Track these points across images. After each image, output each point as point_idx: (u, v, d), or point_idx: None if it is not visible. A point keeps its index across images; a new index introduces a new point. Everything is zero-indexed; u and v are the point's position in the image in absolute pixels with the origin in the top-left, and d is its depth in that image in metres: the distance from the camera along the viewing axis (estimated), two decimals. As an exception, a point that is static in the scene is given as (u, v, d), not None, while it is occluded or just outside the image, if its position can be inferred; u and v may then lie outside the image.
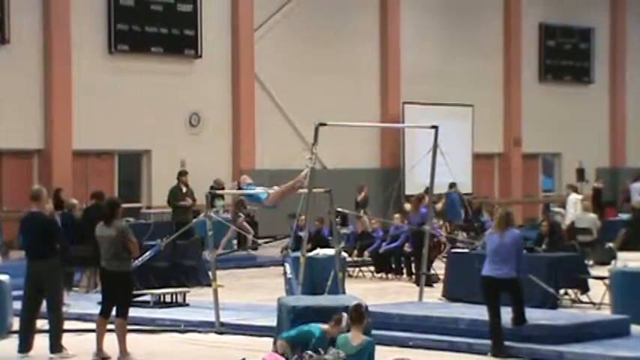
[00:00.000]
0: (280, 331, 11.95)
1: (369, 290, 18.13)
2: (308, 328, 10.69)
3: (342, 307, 11.03)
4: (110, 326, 12.33)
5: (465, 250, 18.43)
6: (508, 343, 12.17)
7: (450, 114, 31.93)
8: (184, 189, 23.27)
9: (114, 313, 12.26)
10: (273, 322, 12.70)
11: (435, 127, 15.53)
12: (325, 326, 10.57)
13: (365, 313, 10.43)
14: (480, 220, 25.93)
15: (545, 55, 36.97)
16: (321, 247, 18.18)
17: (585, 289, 16.61)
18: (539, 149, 36.98)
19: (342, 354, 10.11)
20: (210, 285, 14.86)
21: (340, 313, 10.61)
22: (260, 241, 24.31)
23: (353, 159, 31.24)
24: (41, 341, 12.33)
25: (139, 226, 22.21)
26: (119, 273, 12.16)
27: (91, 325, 13.04)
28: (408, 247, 20.62)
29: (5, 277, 14.31)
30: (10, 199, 25.45)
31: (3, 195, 25.99)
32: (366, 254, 21.51)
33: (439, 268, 19.30)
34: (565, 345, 12.17)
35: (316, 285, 15.45)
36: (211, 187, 25.14)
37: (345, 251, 19.57)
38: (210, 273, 15.17)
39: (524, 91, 36.15)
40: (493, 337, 12.18)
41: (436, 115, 27.23)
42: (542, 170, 37.89)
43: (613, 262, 18.21)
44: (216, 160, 28.72)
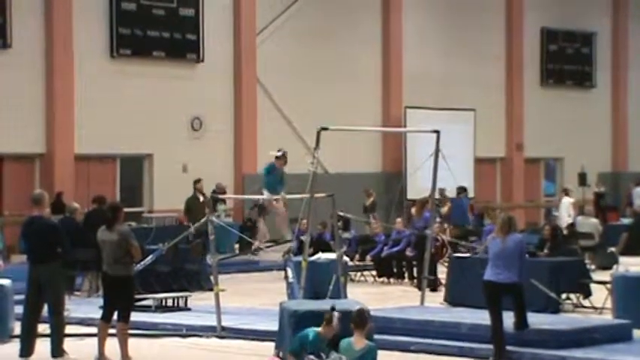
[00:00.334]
0: (282, 336, 11.95)
1: (370, 294, 18.12)
2: (304, 332, 10.72)
3: (343, 312, 11.02)
4: (112, 331, 12.33)
5: (467, 255, 18.41)
6: (510, 347, 12.16)
7: (452, 118, 31.93)
8: (201, 198, 22.47)
9: (115, 317, 12.26)
10: (275, 326, 12.69)
11: (437, 132, 15.52)
12: (319, 328, 10.59)
13: (368, 318, 10.42)
14: (482, 224, 25.90)
15: (547, 60, 36.97)
16: (323, 251, 18.18)
17: (587, 293, 16.60)
18: (541, 154, 36.97)
19: (344, 358, 10.11)
20: (212, 289, 14.86)
21: (330, 312, 10.62)
22: (262, 246, 24.30)
23: (355, 163, 31.23)
24: (43, 346, 12.32)
25: (140, 231, 22.21)
26: (121, 277, 12.16)
27: (93, 330, 13.04)
28: (409, 252, 20.63)
29: (7, 282, 14.32)
30: (12, 203, 25.43)
31: (5, 199, 25.98)
32: (368, 258, 21.51)
33: (441, 272, 19.28)
34: (567, 350, 12.17)
35: (318, 289, 15.44)
36: (213, 192, 25.16)
37: (347, 255, 19.56)
38: (212, 277, 15.16)
39: (526, 96, 36.15)
40: (495, 341, 12.16)
41: (438, 120, 27.21)
42: (544, 175, 37.87)
43: (615, 266, 18.21)
44: (218, 165, 28.71)
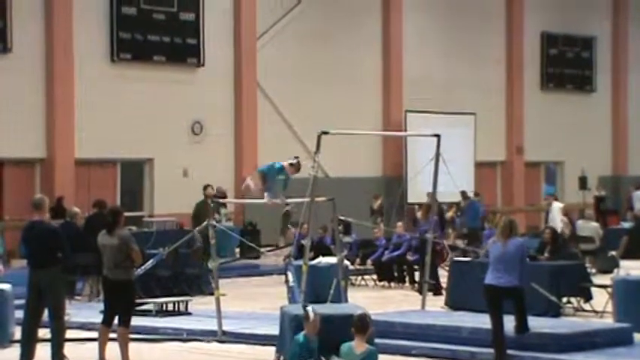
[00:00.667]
0: (283, 340, 11.95)
1: (371, 298, 18.11)
2: (296, 338, 10.77)
3: (344, 316, 11.02)
4: (112, 335, 12.32)
5: (468, 259, 18.40)
6: (511, 351, 12.15)
7: (453, 122, 31.95)
8: (211, 204, 22.28)
9: (116, 321, 12.25)
10: (275, 330, 12.68)
11: (438, 136, 15.51)
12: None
13: (369, 322, 10.41)
14: (483, 228, 25.90)
15: (548, 64, 37.00)
16: (324, 255, 18.18)
17: (588, 297, 16.60)
18: (541, 157, 36.99)
19: (344, 363, 10.11)
20: (213, 293, 14.85)
21: (305, 310, 10.69)
22: (262, 250, 24.29)
23: (355, 167, 31.25)
24: (43, 350, 12.30)
25: (141, 235, 22.20)
26: (121, 282, 12.15)
27: (94, 334, 13.03)
28: (410, 256, 20.63)
29: (7, 286, 14.31)
30: (13, 208, 25.44)
31: (5, 204, 25.98)
32: (369, 262, 21.51)
33: (442, 276, 19.28)
34: (568, 353, 12.15)
35: (319, 293, 15.42)
36: (214, 196, 25.15)
37: (348, 259, 19.56)
38: (213, 281, 15.15)
39: (526, 100, 36.18)
40: (496, 345, 12.15)
41: (438, 124, 27.25)
42: (544, 178, 37.88)
43: (615, 270, 18.17)
44: (219, 169, 28.71)
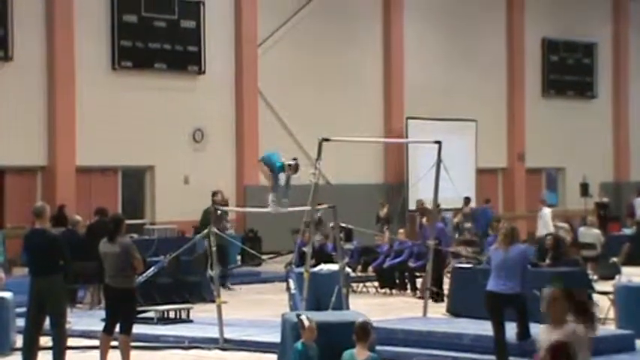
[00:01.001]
0: (284, 347, 11.93)
1: (373, 306, 18.09)
2: (294, 346, 10.78)
3: (346, 323, 11.00)
4: (114, 343, 12.31)
5: (469, 266, 18.39)
6: (512, 358, 12.13)
7: (454, 129, 31.95)
8: (218, 212, 22.15)
9: (118, 329, 12.24)
10: (277, 338, 12.66)
11: (439, 142, 15.52)
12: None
13: (370, 329, 10.40)
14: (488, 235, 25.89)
15: (549, 70, 37.02)
16: (325, 262, 18.16)
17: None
18: (542, 164, 36.99)
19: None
20: (214, 301, 14.84)
21: (299, 318, 10.70)
22: (264, 257, 24.27)
23: (357, 174, 31.24)
24: (44, 358, 12.29)
25: (142, 242, 22.19)
26: (123, 289, 12.14)
27: (95, 342, 13.03)
28: (412, 262, 20.61)
29: (8, 294, 14.30)
30: (14, 215, 25.43)
31: (7, 212, 25.98)
32: (370, 269, 21.49)
33: (444, 283, 19.27)
34: (570, 360, 12.12)
35: (320, 300, 15.42)
36: (215, 203, 25.13)
37: (349, 266, 19.54)
38: (214, 289, 15.14)
39: (527, 106, 36.18)
40: (497, 352, 12.13)
41: (440, 130, 27.23)
42: (545, 185, 37.87)
43: (617, 276, 18.16)
44: (220, 176, 28.70)
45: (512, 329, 12.25)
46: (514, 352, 12.17)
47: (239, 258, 25.56)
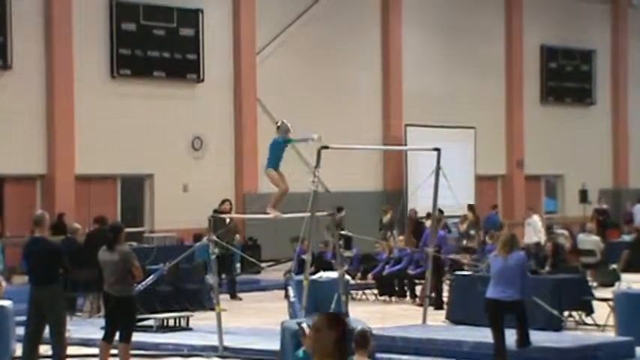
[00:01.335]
0: (284, 355, 11.92)
1: (372, 313, 18.07)
2: (295, 354, 10.76)
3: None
4: (113, 351, 12.30)
5: (469, 273, 18.39)
6: (512, 365, 12.13)
7: (453, 136, 31.97)
8: (227, 220, 21.30)
9: (117, 337, 12.23)
10: (276, 346, 12.66)
11: (438, 150, 15.52)
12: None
13: (370, 337, 10.39)
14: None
15: (547, 77, 37.05)
16: (324, 270, 18.15)
17: (589, 311, 16.57)
18: (541, 171, 37.00)
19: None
20: (214, 309, 14.83)
21: (299, 326, 10.68)
22: (263, 265, 24.27)
23: (356, 182, 31.23)
24: (44, 367, 12.30)
25: (141, 250, 22.18)
26: (122, 298, 12.14)
27: (95, 351, 13.01)
28: (411, 270, 20.61)
29: (8, 303, 14.28)
30: (13, 224, 25.40)
31: (6, 220, 25.95)
32: (370, 277, 21.49)
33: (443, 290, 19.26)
34: (570, 367, 12.13)
35: (319, 308, 15.38)
36: (214, 211, 25.11)
37: (349, 274, 19.53)
38: (213, 297, 15.13)
39: (526, 113, 36.21)
40: (497, 359, 12.12)
41: (439, 138, 27.21)
42: (545, 192, 37.89)
43: (617, 283, 18.17)
44: (219, 184, 28.70)
45: (512, 336, 12.25)
46: (514, 360, 12.18)
47: (238, 266, 25.53)
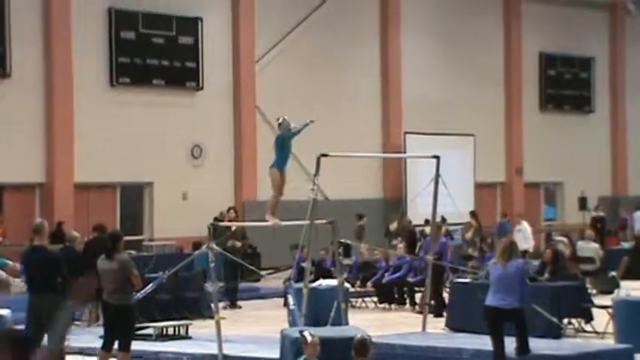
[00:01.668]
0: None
1: (372, 321, 18.06)
2: None
3: (345, 338, 10.99)
4: (112, 360, 12.29)
5: (468, 280, 18.38)
6: (512, 373, 12.11)
7: (452, 144, 31.99)
8: (233, 228, 21.02)
9: (116, 346, 12.21)
10: (276, 354, 12.64)
11: (437, 157, 15.52)
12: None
13: (369, 345, 10.38)
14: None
15: (546, 85, 37.07)
16: (324, 277, 18.14)
17: (589, 318, 16.56)
18: (540, 178, 37.01)
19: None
20: (213, 317, 14.81)
21: (301, 334, 10.68)
22: (263, 273, 24.25)
23: (355, 189, 31.22)
24: (43, 375, 12.26)
25: (141, 259, 22.16)
26: (121, 306, 12.12)
27: (94, 359, 12.98)
28: (410, 277, 20.60)
29: (6, 312, 14.26)
30: (12, 232, 25.38)
31: (5, 229, 25.93)
32: (369, 285, 21.47)
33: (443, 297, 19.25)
34: (569, 375, 12.12)
35: (319, 316, 15.39)
36: (215, 219, 25.12)
37: (348, 282, 19.52)
38: (213, 305, 15.12)
39: (525, 121, 36.23)
40: (497, 367, 12.11)
41: (438, 145, 27.25)
42: (544, 199, 37.89)
43: (616, 291, 18.16)
44: (219, 192, 28.71)
45: (511, 344, 12.23)
46: (513, 367, 12.16)
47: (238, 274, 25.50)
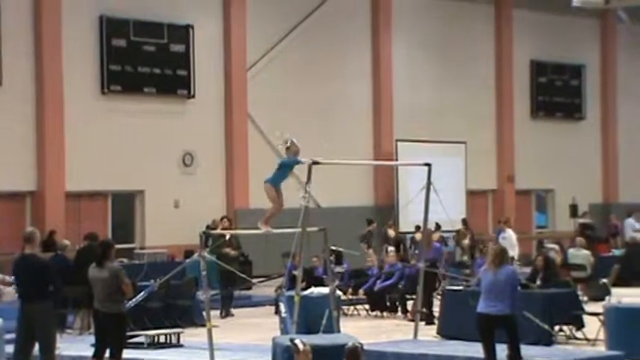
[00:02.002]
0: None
1: (364, 328, 18.07)
2: None
3: (337, 346, 11.00)
4: (104, 368, 12.26)
5: (460, 288, 18.39)
6: (504, 380, 12.12)
7: (443, 151, 32.01)
8: (228, 236, 21.08)
9: (108, 354, 12.20)
10: (267, 362, 12.65)
11: (429, 165, 15.55)
12: None
13: (361, 352, 10.38)
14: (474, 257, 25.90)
15: (537, 92, 37.13)
16: (316, 285, 18.14)
17: (580, 325, 16.59)
18: (532, 185, 37.04)
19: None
20: (205, 325, 14.79)
21: (292, 343, 10.69)
22: (254, 280, 24.23)
23: (347, 197, 31.23)
24: (34, 384, 12.25)
25: (132, 267, 22.14)
26: (112, 314, 12.11)
27: (85, 367, 12.96)
28: (402, 285, 20.60)
29: (-2, 320, 14.24)
30: (3, 241, 25.33)
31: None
32: (361, 292, 21.47)
33: (434, 305, 19.25)
34: (561, 382, 12.13)
35: (311, 324, 15.39)
36: (207, 227, 25.12)
37: (340, 289, 19.52)
38: (205, 313, 15.10)
39: (516, 128, 36.28)
40: (489, 374, 12.12)
41: (429, 152, 27.27)
42: (535, 206, 37.93)
43: (607, 297, 18.18)
44: (210, 200, 28.68)
45: (503, 351, 12.24)
46: (505, 374, 12.16)
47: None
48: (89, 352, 12.85)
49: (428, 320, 18.44)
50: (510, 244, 26.14)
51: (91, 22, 27.16)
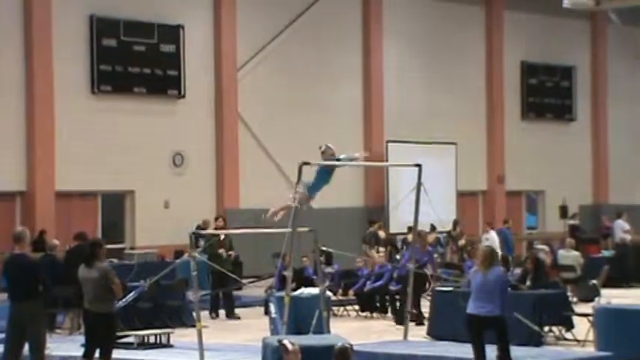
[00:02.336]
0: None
1: (353, 329, 18.07)
2: None
3: (326, 347, 10.99)
4: (93, 368, 12.25)
5: (450, 288, 18.40)
6: (493, 381, 12.13)
7: (434, 152, 32.04)
8: (222, 236, 20.84)
9: (97, 355, 12.18)
10: (257, 362, 12.64)
11: (419, 166, 15.56)
12: None
13: (351, 353, 10.38)
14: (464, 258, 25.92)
15: (528, 93, 37.18)
16: (306, 286, 18.13)
17: (570, 326, 16.62)
18: (522, 186, 37.09)
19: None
20: (195, 326, 14.77)
21: (281, 343, 10.68)
22: (244, 281, 24.21)
23: (337, 198, 31.14)
24: (24, 384, 12.23)
25: (122, 267, 22.11)
26: (102, 314, 12.10)
27: (74, 368, 12.94)
28: (392, 286, 20.60)
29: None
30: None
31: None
32: (351, 293, 21.47)
33: (424, 306, 19.26)
34: (550, 383, 12.14)
35: (301, 324, 15.39)
36: (197, 227, 25.10)
37: (330, 290, 19.52)
38: (194, 313, 15.09)
39: (507, 129, 36.33)
40: (478, 375, 12.13)
41: (420, 154, 27.31)
42: (525, 207, 37.98)
43: (597, 299, 18.22)
44: (200, 200, 28.66)
45: (493, 352, 12.25)
46: (495, 375, 12.18)
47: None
48: (79, 352, 12.82)
49: (417, 321, 18.45)
50: (493, 245, 26.15)
51: (82, 21, 27.12)
